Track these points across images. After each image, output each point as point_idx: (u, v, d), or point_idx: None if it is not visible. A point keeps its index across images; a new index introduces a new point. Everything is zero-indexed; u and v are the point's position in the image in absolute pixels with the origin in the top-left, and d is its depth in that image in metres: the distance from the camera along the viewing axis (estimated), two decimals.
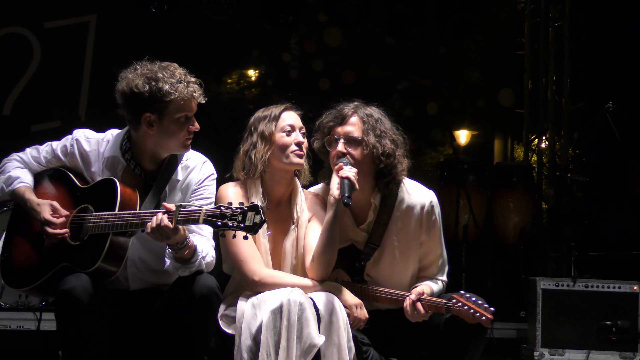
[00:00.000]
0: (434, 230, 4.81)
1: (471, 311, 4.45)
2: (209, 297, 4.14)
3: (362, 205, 4.76)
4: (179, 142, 4.32)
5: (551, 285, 7.35)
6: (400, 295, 4.65)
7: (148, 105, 4.23)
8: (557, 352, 7.25)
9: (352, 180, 4.46)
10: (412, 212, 4.76)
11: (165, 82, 4.21)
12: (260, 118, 4.70)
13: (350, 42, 11.04)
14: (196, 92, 4.29)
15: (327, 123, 4.71)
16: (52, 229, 4.22)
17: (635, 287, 7.26)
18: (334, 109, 4.76)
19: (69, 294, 4.01)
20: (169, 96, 4.21)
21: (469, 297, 4.49)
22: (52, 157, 4.50)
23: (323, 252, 4.51)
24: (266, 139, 4.62)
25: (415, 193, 4.80)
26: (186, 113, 4.28)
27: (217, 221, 3.91)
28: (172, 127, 4.28)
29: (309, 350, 4.23)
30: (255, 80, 11.77)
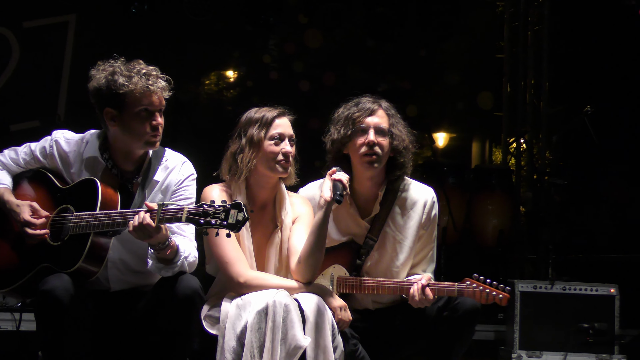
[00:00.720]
0: (433, 225, 4.93)
1: (487, 291, 4.56)
2: (192, 297, 4.13)
3: (369, 198, 4.87)
4: (142, 138, 4.28)
5: (529, 288, 7.38)
6: (405, 283, 4.71)
7: (108, 100, 4.25)
8: (535, 354, 7.27)
9: (345, 183, 4.49)
10: (414, 207, 4.88)
11: (121, 76, 4.21)
12: (252, 121, 4.64)
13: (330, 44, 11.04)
14: (153, 86, 4.25)
15: (354, 114, 4.76)
16: (32, 229, 4.21)
17: (612, 290, 7.29)
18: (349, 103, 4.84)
19: (49, 295, 3.99)
20: (123, 88, 4.20)
21: (482, 279, 4.59)
22: (30, 159, 4.47)
23: (310, 253, 4.49)
24: (254, 145, 4.59)
25: (417, 189, 4.92)
26: (145, 107, 4.25)
27: (200, 219, 3.90)
28: (132, 122, 4.26)
29: (294, 352, 4.23)
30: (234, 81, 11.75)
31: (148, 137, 4.29)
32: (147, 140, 4.29)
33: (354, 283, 4.79)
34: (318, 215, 4.51)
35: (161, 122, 4.30)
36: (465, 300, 4.63)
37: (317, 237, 4.50)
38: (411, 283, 4.67)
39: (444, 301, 4.68)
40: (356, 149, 4.75)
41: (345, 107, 4.86)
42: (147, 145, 4.32)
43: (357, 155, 4.75)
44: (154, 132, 4.29)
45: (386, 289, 4.75)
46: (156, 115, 4.28)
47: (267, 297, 4.30)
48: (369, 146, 4.71)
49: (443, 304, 4.68)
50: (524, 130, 10.32)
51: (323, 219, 4.49)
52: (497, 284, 4.59)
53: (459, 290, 4.61)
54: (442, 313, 4.67)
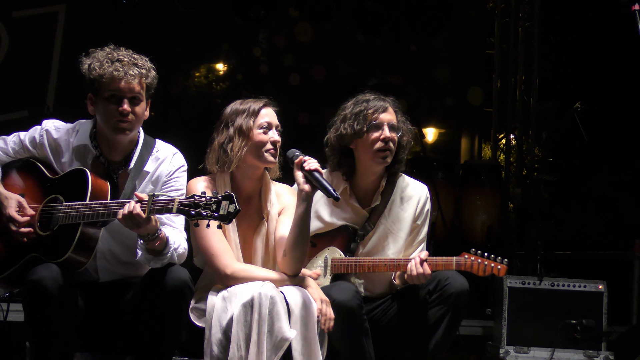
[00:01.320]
0: (425, 220, 5.05)
1: (485, 263, 4.68)
2: (182, 289, 4.12)
3: (369, 190, 5.00)
4: (110, 124, 4.27)
5: (517, 284, 7.38)
6: (402, 260, 4.79)
7: (89, 87, 4.29)
8: (523, 350, 7.28)
9: (321, 170, 4.49)
10: (410, 201, 5.01)
11: (96, 61, 4.25)
12: (238, 111, 4.64)
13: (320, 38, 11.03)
14: (120, 71, 4.23)
15: (368, 111, 4.84)
16: (15, 227, 4.18)
17: (601, 287, 7.30)
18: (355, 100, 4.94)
19: (37, 284, 3.98)
20: (94, 73, 4.23)
21: (480, 252, 4.72)
22: (20, 148, 4.45)
23: (294, 246, 4.49)
24: (244, 134, 4.58)
25: (413, 184, 5.07)
26: (113, 92, 4.24)
27: (191, 210, 3.89)
28: (102, 107, 4.27)
29: (280, 345, 4.23)
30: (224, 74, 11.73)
31: (115, 123, 4.26)
32: (114, 125, 4.27)
33: (349, 263, 4.85)
34: (300, 208, 4.49)
35: (128, 108, 4.25)
36: (455, 282, 4.70)
37: (300, 230, 4.49)
38: (408, 260, 4.75)
39: (434, 284, 4.74)
40: (369, 144, 4.85)
41: (352, 104, 4.94)
42: (116, 131, 4.28)
43: (369, 150, 4.86)
44: (122, 117, 4.26)
45: (383, 267, 4.83)
46: (124, 101, 4.25)
47: (253, 289, 4.29)
48: (385, 142, 4.83)
49: (433, 287, 4.74)
50: (514, 126, 10.33)
51: (305, 211, 4.49)
52: (495, 257, 4.72)
53: (457, 264, 4.73)
54: (432, 295, 4.73)
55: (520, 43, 10.32)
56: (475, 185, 9.34)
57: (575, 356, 7.25)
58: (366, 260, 4.86)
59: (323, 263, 4.92)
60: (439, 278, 4.75)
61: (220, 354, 4.26)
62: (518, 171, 10.18)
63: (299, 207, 4.49)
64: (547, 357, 7.22)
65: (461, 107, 12.02)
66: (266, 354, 4.20)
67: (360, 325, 4.63)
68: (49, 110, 8.63)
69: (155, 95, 4.42)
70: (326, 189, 4.41)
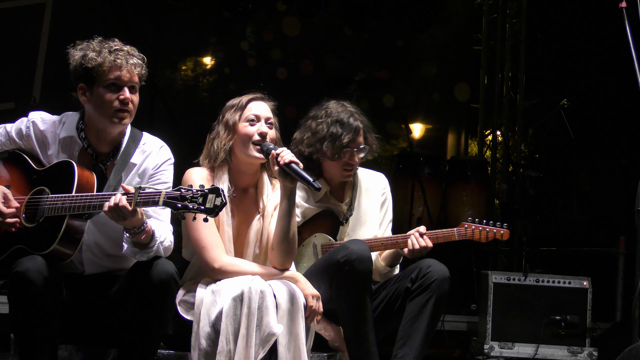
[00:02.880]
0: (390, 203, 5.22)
1: (487, 229, 4.79)
2: (167, 282, 4.10)
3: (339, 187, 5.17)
4: (109, 113, 4.25)
5: (502, 279, 7.40)
6: (399, 237, 4.89)
7: (81, 77, 4.26)
8: (507, 346, 7.30)
9: (298, 161, 4.48)
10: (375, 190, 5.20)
11: (92, 51, 4.23)
12: (228, 107, 4.68)
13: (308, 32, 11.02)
14: (121, 59, 4.24)
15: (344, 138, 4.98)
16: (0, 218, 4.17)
17: (585, 283, 7.33)
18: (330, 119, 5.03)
19: (22, 276, 3.95)
20: (92, 62, 4.21)
21: (478, 220, 4.84)
22: (6, 140, 4.43)
23: (281, 240, 4.49)
24: (229, 128, 4.60)
25: (373, 175, 5.28)
26: (113, 80, 4.24)
27: (177, 203, 3.88)
28: (101, 96, 4.24)
29: (268, 339, 4.23)
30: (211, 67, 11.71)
31: (115, 112, 4.25)
32: (114, 114, 4.25)
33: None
34: (283, 202, 4.50)
35: (130, 97, 4.26)
36: (436, 269, 4.75)
37: (286, 223, 4.49)
38: (406, 236, 4.83)
39: (415, 272, 4.78)
40: (338, 164, 5.04)
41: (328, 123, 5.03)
42: (116, 120, 4.27)
43: (336, 167, 5.05)
44: (122, 106, 4.25)
45: (381, 246, 4.92)
46: (124, 90, 4.26)
47: (242, 283, 4.29)
48: (352, 164, 5.05)
49: (415, 275, 4.78)
50: (500, 122, 10.35)
51: (288, 205, 4.50)
52: (494, 222, 4.82)
53: (459, 234, 4.83)
54: (414, 284, 4.77)
55: (508, 39, 10.34)
56: (462, 180, 9.36)
57: (559, 352, 7.28)
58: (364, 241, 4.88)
59: (312, 250, 4.95)
60: (420, 266, 4.80)
61: (209, 348, 4.25)
62: (504, 167, 10.20)
63: (282, 201, 4.49)
64: (531, 353, 7.24)
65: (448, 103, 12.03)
66: (254, 348, 4.20)
67: (368, 282, 4.69)
68: (35, 102, 8.61)
69: (142, 87, 4.41)
70: (306, 180, 4.39)
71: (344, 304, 4.66)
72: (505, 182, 9.92)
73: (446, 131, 13.87)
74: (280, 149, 4.49)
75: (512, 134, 10.32)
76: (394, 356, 4.82)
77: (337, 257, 4.57)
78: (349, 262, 4.55)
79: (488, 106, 10.59)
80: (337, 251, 4.62)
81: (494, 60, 10.52)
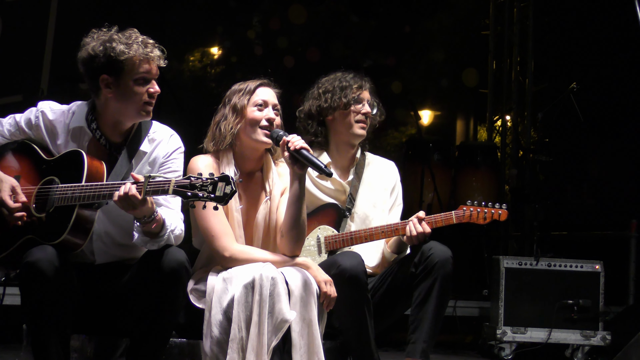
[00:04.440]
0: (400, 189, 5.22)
1: (485, 210, 4.79)
2: (178, 270, 4.09)
3: (345, 164, 5.16)
4: (137, 106, 4.25)
5: (514, 264, 7.38)
6: (399, 224, 4.88)
7: (104, 68, 4.21)
8: (520, 330, 7.28)
9: (308, 147, 4.48)
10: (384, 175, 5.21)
11: (120, 43, 4.19)
12: (235, 91, 4.68)
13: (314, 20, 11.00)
14: (152, 53, 4.24)
15: (352, 86, 5.06)
16: (7, 211, 4.16)
17: (597, 267, 7.30)
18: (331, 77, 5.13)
19: (33, 266, 3.95)
20: (123, 55, 4.18)
21: (477, 202, 4.83)
22: (15, 130, 4.42)
23: (292, 227, 4.48)
24: (237, 111, 4.60)
25: (382, 161, 5.29)
26: (143, 74, 4.23)
27: (187, 192, 3.87)
28: (129, 89, 4.23)
29: (280, 326, 4.22)
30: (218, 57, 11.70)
31: (143, 106, 4.26)
32: (142, 107, 4.26)
33: (344, 238, 4.92)
34: (293, 189, 4.48)
35: (158, 90, 4.29)
36: (438, 250, 4.74)
37: (296, 210, 4.48)
38: (405, 223, 4.83)
39: (418, 256, 4.78)
40: (350, 116, 5.04)
41: (333, 79, 5.12)
42: (142, 113, 4.28)
43: (349, 122, 5.05)
44: (150, 99, 4.26)
45: (381, 234, 4.90)
46: (153, 83, 4.27)
47: (254, 270, 4.28)
48: (365, 116, 5.05)
49: (417, 259, 4.78)
50: (509, 107, 10.32)
51: (298, 191, 4.48)
52: (492, 204, 4.81)
53: (457, 217, 4.84)
54: (418, 268, 4.76)
55: (516, 24, 10.30)
56: (471, 166, 9.36)
57: (572, 336, 7.27)
58: (361, 231, 4.92)
59: (316, 242, 4.94)
60: (422, 249, 4.79)
61: (220, 335, 4.24)
62: (514, 152, 10.17)
63: (292, 187, 4.48)
64: (544, 337, 7.23)
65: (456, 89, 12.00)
66: (267, 335, 4.19)
67: (364, 294, 4.65)
68: (43, 94, 8.60)
69: None
70: (317, 165, 4.39)
71: (342, 318, 4.66)
72: (515, 167, 9.89)
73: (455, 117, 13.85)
74: (290, 135, 4.48)
75: (521, 119, 10.29)
76: (407, 342, 4.82)
77: (330, 274, 4.54)
78: (342, 280, 4.52)
79: (497, 91, 10.56)
80: (329, 267, 4.59)
81: (502, 46, 10.48)
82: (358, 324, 4.67)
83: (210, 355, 4.26)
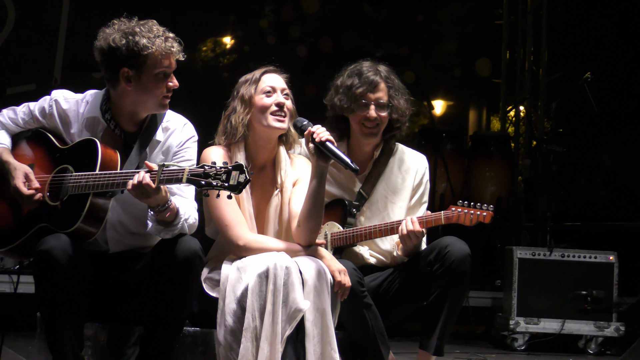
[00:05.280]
0: (426, 188, 5.09)
1: (471, 212, 4.69)
2: (192, 259, 4.09)
3: (364, 156, 5.00)
4: (157, 100, 4.26)
5: (527, 255, 7.38)
6: (395, 223, 4.81)
7: (126, 61, 4.19)
8: (533, 321, 7.28)
9: (333, 140, 4.45)
10: (409, 171, 5.04)
11: (142, 37, 4.17)
12: (242, 82, 4.68)
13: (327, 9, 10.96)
14: (174, 48, 4.24)
15: (357, 89, 4.88)
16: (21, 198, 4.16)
17: (611, 257, 7.30)
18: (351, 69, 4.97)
19: (47, 254, 3.96)
20: (146, 50, 4.16)
21: (466, 203, 4.73)
22: (29, 118, 4.42)
23: (309, 217, 4.46)
24: (246, 102, 4.59)
25: (412, 155, 5.10)
26: (164, 69, 4.23)
27: (201, 180, 3.86)
28: (150, 83, 4.22)
29: (294, 315, 4.22)
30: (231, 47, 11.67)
31: (162, 99, 4.27)
32: (161, 102, 4.28)
33: (347, 235, 4.88)
34: (314, 181, 4.46)
35: (177, 83, 4.30)
36: (455, 248, 4.69)
37: (315, 202, 4.45)
38: (400, 222, 4.76)
39: (434, 254, 4.73)
40: (357, 119, 4.91)
41: (347, 73, 4.98)
42: (160, 107, 4.30)
43: (357, 124, 4.92)
44: (168, 93, 4.27)
45: (378, 232, 4.86)
46: (172, 77, 4.28)
47: (268, 259, 4.27)
48: (370, 120, 4.88)
49: (434, 257, 4.73)
50: (523, 97, 10.28)
51: (319, 183, 4.45)
52: (480, 205, 4.73)
53: (446, 217, 4.73)
54: (434, 266, 4.72)
55: (529, 13, 10.25)
56: (484, 156, 9.34)
57: (585, 327, 7.27)
58: (362, 229, 4.88)
59: (324, 239, 4.92)
60: (439, 247, 4.74)
61: (235, 325, 4.24)
62: (527, 142, 10.14)
63: (313, 179, 4.45)
64: (557, 328, 7.23)
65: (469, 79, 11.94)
66: (280, 325, 4.19)
67: (360, 301, 4.62)
68: (57, 83, 8.62)
69: None
70: (343, 160, 4.36)
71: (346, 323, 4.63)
72: (528, 158, 9.86)
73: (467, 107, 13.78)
74: (315, 126, 4.46)
75: (534, 109, 10.25)
76: (421, 334, 4.81)
77: None
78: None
79: (510, 81, 10.52)
80: None
81: (515, 35, 10.44)
82: (361, 328, 4.66)
83: (224, 344, 4.26)
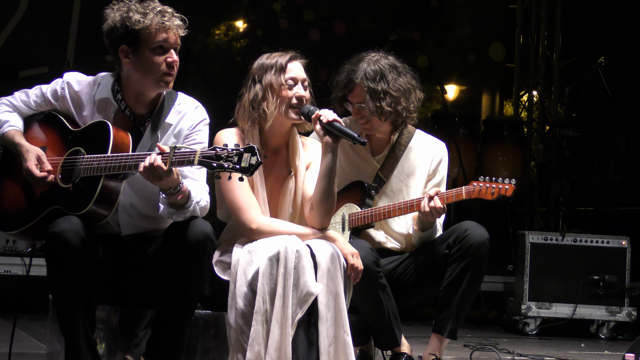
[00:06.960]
0: (442, 175, 5.09)
1: (493, 186, 4.74)
2: (204, 242, 4.09)
3: (382, 140, 5.06)
4: (156, 77, 4.23)
5: (540, 239, 7.37)
6: (414, 200, 4.84)
7: (123, 38, 4.21)
8: (544, 306, 7.28)
9: (339, 119, 4.47)
10: (426, 156, 5.05)
11: (136, 13, 4.19)
12: (266, 67, 4.57)
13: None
14: (169, 22, 4.22)
15: (339, 92, 4.97)
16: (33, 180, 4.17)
17: (624, 242, 7.29)
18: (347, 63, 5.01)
19: (59, 236, 3.97)
20: (138, 24, 4.17)
21: (487, 178, 4.79)
22: (42, 101, 4.43)
23: (322, 199, 4.46)
24: (275, 91, 4.53)
25: (430, 141, 5.12)
26: (160, 43, 4.21)
27: (213, 162, 3.86)
28: (146, 59, 4.21)
29: (306, 299, 4.22)
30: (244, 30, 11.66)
31: (163, 75, 4.24)
32: (161, 78, 4.24)
33: (365, 215, 4.91)
34: (325, 161, 4.46)
35: (176, 59, 4.26)
36: (474, 232, 4.73)
37: (327, 182, 4.46)
38: (421, 199, 4.78)
39: (453, 237, 4.77)
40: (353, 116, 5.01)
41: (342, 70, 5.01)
42: (161, 83, 4.26)
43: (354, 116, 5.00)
44: (169, 69, 4.24)
45: (398, 211, 4.88)
46: (171, 52, 4.25)
47: (278, 243, 4.27)
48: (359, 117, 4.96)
49: (452, 240, 4.76)
50: (536, 82, 10.26)
51: (331, 163, 4.46)
52: (502, 179, 4.78)
53: (467, 192, 4.78)
54: (452, 249, 4.75)
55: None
56: (497, 141, 9.33)
57: (597, 312, 7.26)
58: (381, 208, 4.90)
59: (341, 219, 4.94)
60: (458, 231, 4.77)
61: (245, 308, 4.24)
62: (540, 127, 10.12)
63: (324, 159, 4.45)
64: (569, 313, 7.22)
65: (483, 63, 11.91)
66: (291, 308, 4.19)
67: (376, 281, 4.65)
68: (69, 65, 8.64)
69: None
70: (350, 135, 4.41)
71: (360, 305, 4.67)
72: (541, 142, 9.84)
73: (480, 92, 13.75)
74: (321, 110, 4.47)
75: (548, 93, 10.22)
76: (435, 317, 4.84)
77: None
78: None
79: (524, 66, 10.50)
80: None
81: (529, 19, 10.41)
82: (376, 310, 4.70)
83: (235, 327, 4.27)
